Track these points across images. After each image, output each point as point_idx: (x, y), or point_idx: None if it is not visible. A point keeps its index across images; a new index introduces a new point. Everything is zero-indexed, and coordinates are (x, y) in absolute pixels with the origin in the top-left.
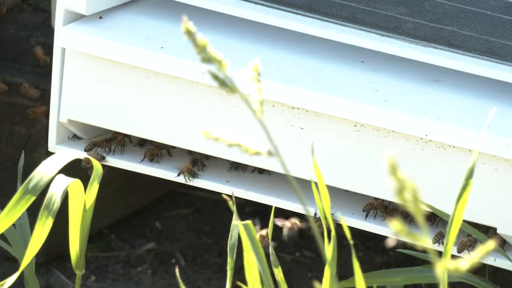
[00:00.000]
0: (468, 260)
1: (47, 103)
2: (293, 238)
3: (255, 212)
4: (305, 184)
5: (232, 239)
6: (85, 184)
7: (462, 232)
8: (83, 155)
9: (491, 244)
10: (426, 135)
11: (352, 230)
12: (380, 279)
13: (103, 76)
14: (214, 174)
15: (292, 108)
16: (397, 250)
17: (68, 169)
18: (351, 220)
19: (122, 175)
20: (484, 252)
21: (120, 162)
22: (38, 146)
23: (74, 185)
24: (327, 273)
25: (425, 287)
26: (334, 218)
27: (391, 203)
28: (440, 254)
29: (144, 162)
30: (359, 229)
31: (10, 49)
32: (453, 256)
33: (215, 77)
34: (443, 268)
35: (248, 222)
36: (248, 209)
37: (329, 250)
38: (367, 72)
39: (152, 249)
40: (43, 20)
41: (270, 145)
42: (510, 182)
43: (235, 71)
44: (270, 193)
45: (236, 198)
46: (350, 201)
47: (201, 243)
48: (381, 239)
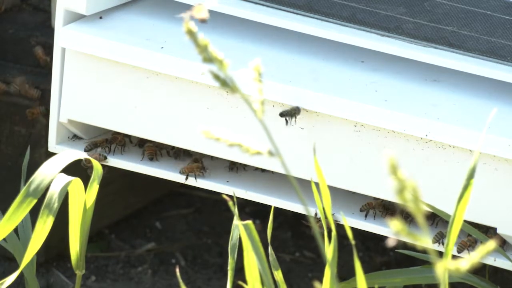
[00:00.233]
0: (468, 260)
1: (45, 103)
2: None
3: (255, 212)
4: (305, 184)
5: (233, 239)
6: (85, 184)
7: (462, 232)
8: (84, 156)
9: (491, 244)
10: (426, 135)
11: (352, 230)
12: (380, 280)
13: (103, 76)
14: (214, 174)
15: None
16: (397, 250)
17: (68, 168)
18: (351, 220)
19: (122, 175)
20: (484, 252)
21: (120, 162)
22: (38, 146)
23: (74, 184)
24: (328, 273)
25: (425, 287)
26: (334, 218)
27: (389, 203)
28: (440, 254)
29: (144, 162)
30: (359, 229)
31: (10, 49)
32: (453, 256)
33: (216, 77)
34: (443, 269)
35: (249, 222)
36: (248, 209)
37: (329, 250)
38: (367, 72)
39: (152, 249)
40: (43, 20)
41: (271, 145)
42: (510, 182)
43: (235, 71)
44: (270, 193)
45: (236, 198)
46: (350, 201)
47: (201, 243)
48: (381, 239)
